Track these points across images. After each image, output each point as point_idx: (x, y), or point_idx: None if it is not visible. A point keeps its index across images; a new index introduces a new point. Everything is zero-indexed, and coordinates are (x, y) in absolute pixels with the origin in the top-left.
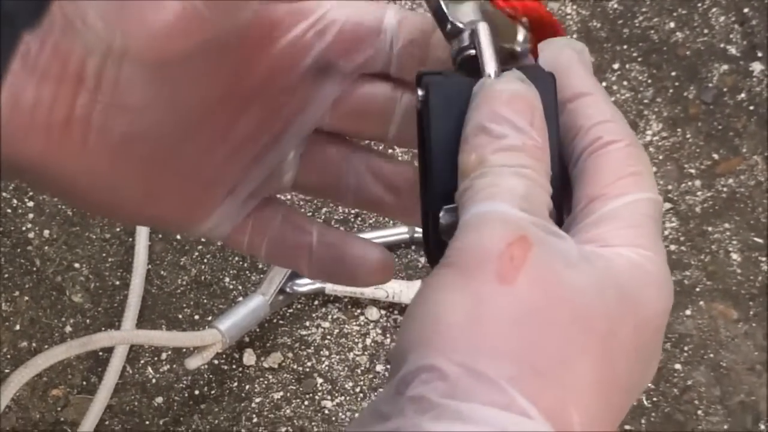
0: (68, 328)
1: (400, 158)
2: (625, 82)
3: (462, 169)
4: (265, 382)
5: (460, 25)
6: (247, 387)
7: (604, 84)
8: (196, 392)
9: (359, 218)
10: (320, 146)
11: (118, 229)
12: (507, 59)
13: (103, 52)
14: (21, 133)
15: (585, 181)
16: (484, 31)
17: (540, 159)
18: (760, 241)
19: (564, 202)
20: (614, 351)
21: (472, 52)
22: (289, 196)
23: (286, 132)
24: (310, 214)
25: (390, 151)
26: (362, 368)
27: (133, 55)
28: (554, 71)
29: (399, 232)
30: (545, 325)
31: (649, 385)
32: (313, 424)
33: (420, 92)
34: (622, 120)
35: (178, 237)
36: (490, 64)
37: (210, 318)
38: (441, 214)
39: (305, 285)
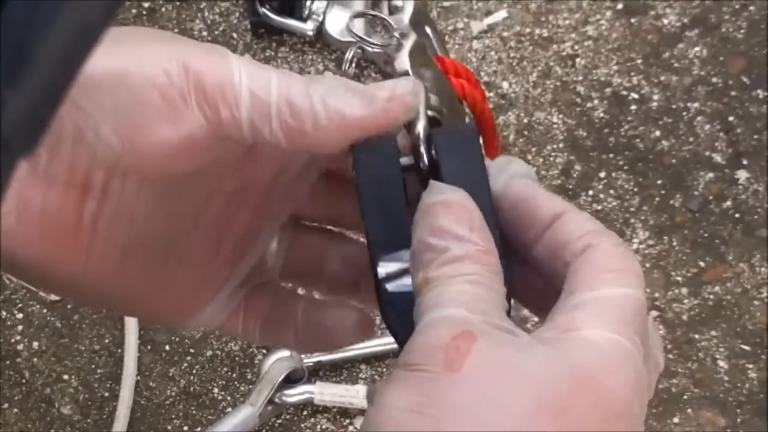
0: None
1: None
2: (611, 191)
3: (414, 289)
4: None
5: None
6: None
7: (590, 192)
8: None
9: None
10: (302, 237)
11: (107, 341)
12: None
13: (112, 165)
14: (27, 237)
15: (569, 281)
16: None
17: (486, 262)
18: (747, 348)
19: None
20: (570, 427)
21: None
22: None
23: (266, 225)
24: None
25: None
26: None
27: (138, 171)
28: (518, 203)
29: (387, 342)
30: (495, 406)
31: None
32: None
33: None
34: (602, 227)
35: (167, 348)
36: (420, 124)
37: (199, 429)
38: (378, 265)
39: (294, 395)
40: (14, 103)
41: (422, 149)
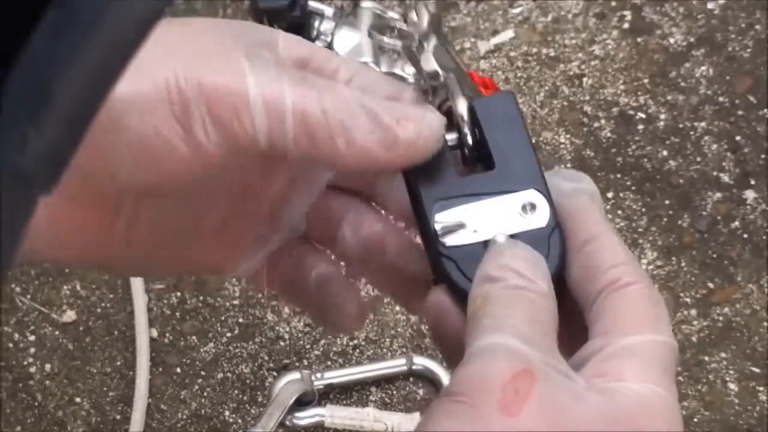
0: None
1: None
2: (619, 211)
3: (469, 312)
4: None
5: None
6: None
7: None
8: None
9: (357, 350)
10: (326, 201)
11: (118, 363)
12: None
13: (137, 189)
14: (59, 251)
15: (603, 318)
16: (453, 83)
17: (546, 305)
18: (758, 370)
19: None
20: None
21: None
22: None
23: (304, 192)
24: (309, 345)
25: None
26: None
27: (162, 189)
28: (570, 214)
29: (397, 364)
30: None
31: None
32: None
33: None
34: (636, 262)
35: (179, 370)
36: (461, 106)
37: None
38: (434, 220)
39: (305, 418)
40: (36, 141)
41: (466, 129)
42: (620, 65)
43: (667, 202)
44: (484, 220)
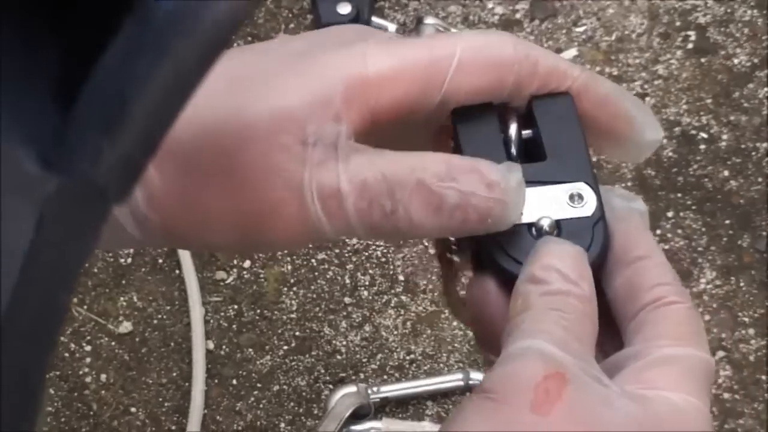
0: None
1: None
2: (679, 230)
3: (510, 311)
4: None
5: None
6: None
7: (658, 232)
8: None
9: (414, 364)
10: None
11: (174, 374)
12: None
13: None
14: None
15: (644, 330)
16: None
17: (585, 310)
18: None
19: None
20: None
21: None
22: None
23: None
24: (366, 359)
25: None
26: None
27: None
28: (622, 231)
29: (453, 378)
30: None
31: None
32: None
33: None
34: (680, 284)
35: (235, 382)
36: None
37: None
38: None
39: (360, 431)
40: (110, 154)
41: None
42: (683, 85)
43: (727, 222)
44: (530, 205)
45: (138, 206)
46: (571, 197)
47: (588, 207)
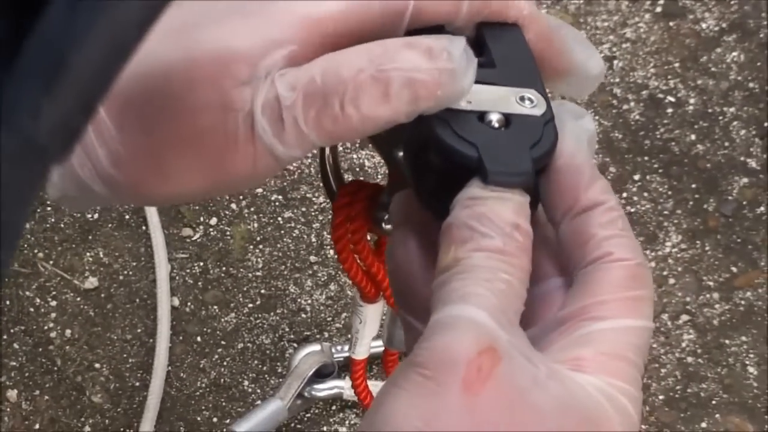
0: (87, 429)
1: None
2: (645, 194)
3: (439, 263)
4: None
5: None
6: None
7: (624, 195)
8: None
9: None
10: None
11: (139, 331)
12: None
13: None
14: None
15: (583, 292)
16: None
17: (520, 264)
18: None
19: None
20: None
21: None
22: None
23: None
24: (330, 318)
25: None
26: None
27: None
28: (565, 168)
29: None
30: None
31: None
32: None
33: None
34: (632, 235)
35: (199, 339)
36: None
37: (228, 421)
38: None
39: (324, 390)
40: (50, 112)
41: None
42: (651, 49)
43: (693, 186)
44: (480, 97)
45: (102, 165)
46: (522, 98)
47: (538, 108)
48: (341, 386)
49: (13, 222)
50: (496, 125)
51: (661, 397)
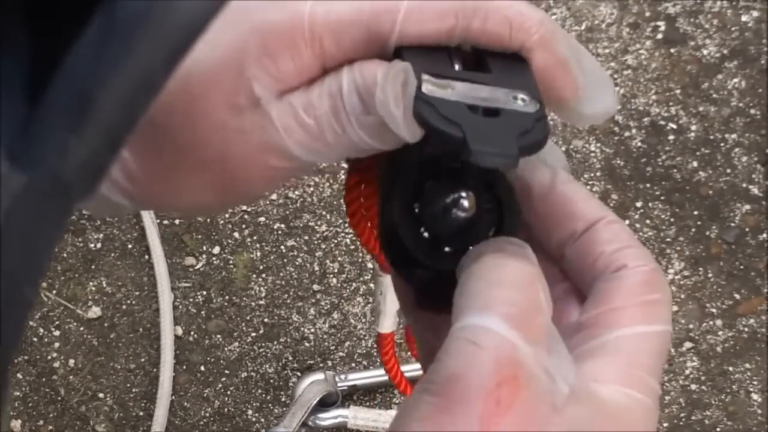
0: None
1: None
2: (647, 221)
3: (460, 267)
4: None
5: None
6: None
7: (627, 222)
8: None
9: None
10: None
11: (142, 360)
12: None
13: None
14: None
15: (598, 301)
16: None
17: (534, 260)
18: None
19: None
20: None
21: None
22: None
23: None
24: (334, 347)
25: None
26: None
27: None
28: (556, 198)
29: (420, 367)
30: None
31: None
32: None
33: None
34: (639, 244)
35: (203, 368)
36: None
37: None
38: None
39: (327, 419)
40: (76, 150)
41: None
42: (652, 75)
43: (695, 212)
44: (470, 93)
45: (117, 180)
46: (515, 97)
47: (531, 107)
48: (345, 415)
49: (37, 259)
50: (485, 115)
51: (665, 425)
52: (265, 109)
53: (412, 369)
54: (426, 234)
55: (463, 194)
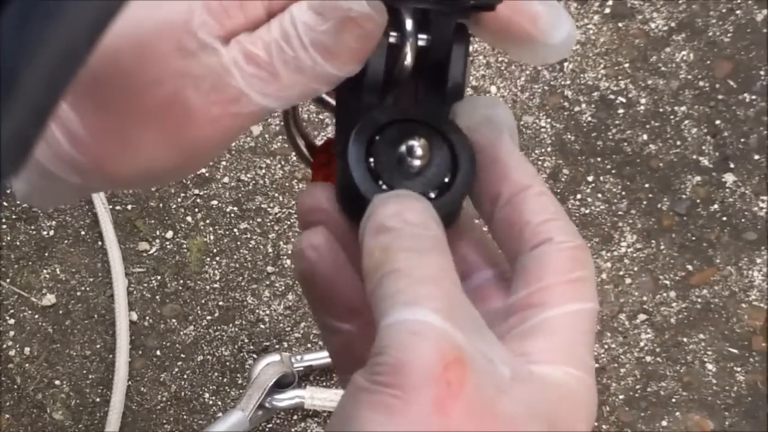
0: None
1: None
2: (599, 194)
3: (367, 266)
4: None
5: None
6: None
7: (578, 196)
8: None
9: None
10: None
11: (98, 346)
12: None
13: None
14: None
15: (526, 279)
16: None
17: (445, 251)
18: (735, 351)
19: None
20: None
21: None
22: None
23: None
24: (289, 328)
25: None
26: None
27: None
28: (491, 159)
29: None
30: None
31: None
32: None
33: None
34: (566, 217)
35: (158, 353)
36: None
37: None
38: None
39: (284, 400)
40: (3, 127)
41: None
42: (601, 50)
43: (646, 185)
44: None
45: (61, 147)
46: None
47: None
48: (302, 396)
49: None
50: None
51: (621, 397)
52: (214, 49)
53: None
54: (384, 187)
55: (416, 142)
